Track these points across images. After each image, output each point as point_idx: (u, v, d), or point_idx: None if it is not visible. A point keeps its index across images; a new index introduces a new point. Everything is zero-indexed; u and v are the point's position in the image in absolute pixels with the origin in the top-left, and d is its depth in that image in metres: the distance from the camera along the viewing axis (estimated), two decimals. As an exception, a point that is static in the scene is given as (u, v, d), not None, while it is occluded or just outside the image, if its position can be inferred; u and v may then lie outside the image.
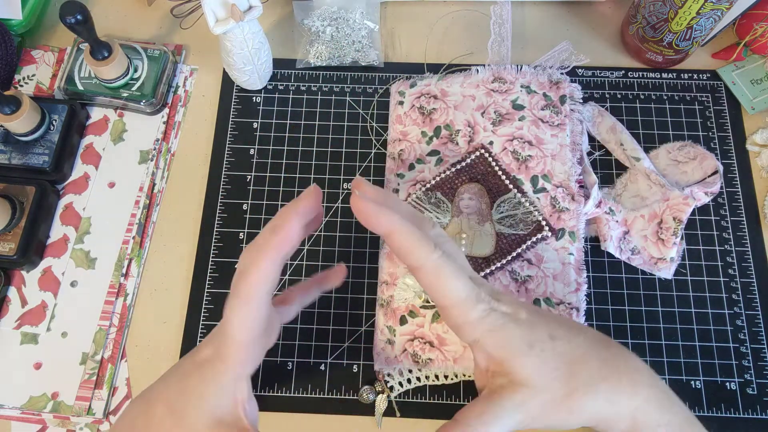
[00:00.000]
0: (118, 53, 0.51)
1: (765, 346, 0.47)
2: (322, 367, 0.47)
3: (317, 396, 0.46)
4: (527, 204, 0.49)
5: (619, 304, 0.48)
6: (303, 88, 0.56)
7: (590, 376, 0.33)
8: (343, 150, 0.53)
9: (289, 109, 0.55)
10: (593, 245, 0.50)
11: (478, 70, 0.53)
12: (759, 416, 0.45)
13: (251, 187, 0.52)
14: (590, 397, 0.32)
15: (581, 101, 0.53)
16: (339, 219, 0.51)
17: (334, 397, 0.46)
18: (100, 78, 0.52)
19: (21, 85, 0.55)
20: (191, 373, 0.35)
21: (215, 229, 0.51)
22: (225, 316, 0.34)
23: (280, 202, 0.52)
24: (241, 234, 0.51)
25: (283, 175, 0.53)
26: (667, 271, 0.48)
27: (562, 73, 0.53)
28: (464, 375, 0.46)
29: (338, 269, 0.43)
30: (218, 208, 0.52)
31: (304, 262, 0.50)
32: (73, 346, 0.47)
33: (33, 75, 0.56)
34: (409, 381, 0.46)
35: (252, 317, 0.33)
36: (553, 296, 0.46)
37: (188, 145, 0.54)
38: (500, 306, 0.34)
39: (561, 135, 0.51)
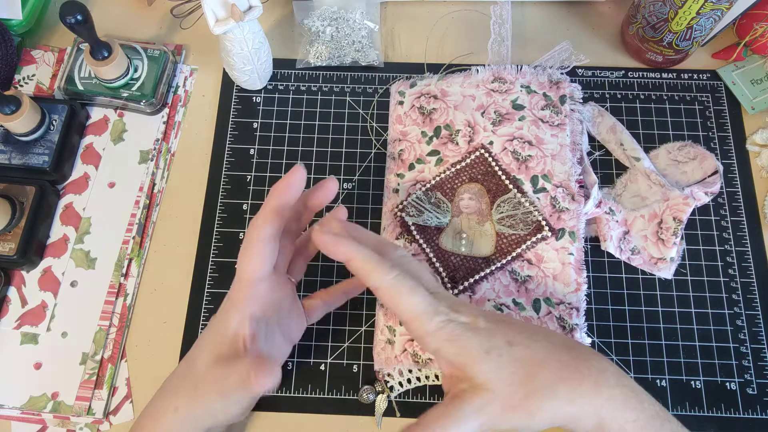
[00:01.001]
0: (118, 53, 0.51)
1: (765, 346, 0.47)
2: (322, 367, 0.47)
3: (317, 396, 0.46)
4: (527, 204, 0.49)
5: (619, 304, 0.48)
6: (303, 88, 0.56)
7: (548, 378, 0.34)
8: (343, 150, 0.53)
9: (289, 109, 0.55)
10: (593, 245, 0.50)
11: (478, 70, 0.53)
12: (759, 416, 0.45)
13: (251, 187, 0.52)
14: (549, 398, 0.33)
15: (581, 101, 0.53)
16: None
17: (334, 397, 0.46)
18: (100, 78, 0.52)
19: (21, 85, 0.55)
20: (209, 324, 0.41)
21: (215, 229, 0.51)
22: (237, 262, 0.39)
23: (280, 202, 0.52)
24: (241, 234, 0.51)
25: (283, 175, 0.52)
26: (667, 271, 0.48)
27: (562, 73, 0.53)
28: (464, 375, 0.46)
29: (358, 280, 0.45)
30: (218, 208, 0.52)
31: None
32: (73, 346, 0.47)
33: (33, 75, 0.56)
34: (409, 381, 0.46)
35: (256, 256, 0.38)
36: (553, 296, 0.46)
37: (188, 145, 0.54)
38: (459, 317, 0.36)
39: (561, 135, 0.51)
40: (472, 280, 0.47)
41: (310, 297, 0.45)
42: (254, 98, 0.55)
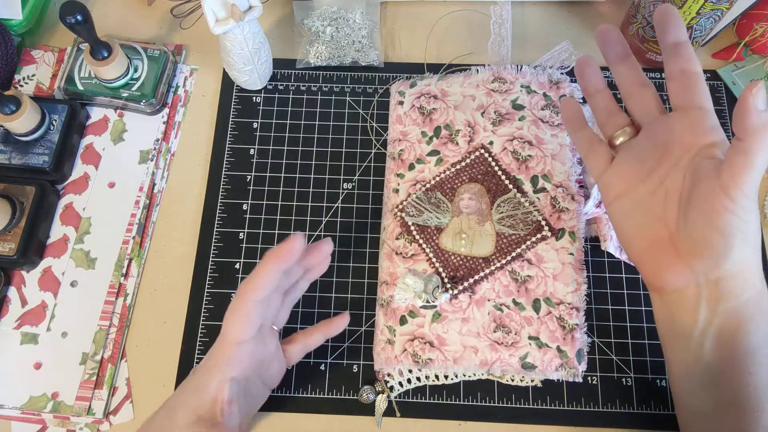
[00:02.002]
0: (118, 53, 0.51)
1: (765, 346, 0.47)
2: (322, 367, 0.47)
3: (317, 396, 0.46)
4: (527, 204, 0.49)
5: (619, 304, 0.48)
6: (303, 88, 0.56)
7: None
8: (343, 150, 0.53)
9: (289, 109, 0.55)
10: (593, 245, 0.50)
11: (478, 70, 0.54)
12: (759, 416, 0.45)
13: (251, 187, 0.52)
14: None
15: (581, 101, 0.53)
16: (339, 219, 0.51)
17: (334, 397, 0.46)
18: (100, 78, 0.52)
19: (21, 85, 0.55)
20: (191, 373, 0.40)
21: (215, 229, 0.51)
22: (223, 320, 0.39)
23: (279, 202, 0.52)
24: (241, 234, 0.51)
25: (283, 175, 0.53)
26: (667, 271, 0.48)
27: (562, 73, 0.53)
28: (464, 375, 0.46)
29: (341, 317, 0.46)
30: (218, 208, 0.52)
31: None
32: (73, 346, 0.47)
33: (33, 75, 0.56)
34: (409, 381, 0.46)
35: (244, 319, 0.38)
36: (553, 296, 0.46)
37: (188, 145, 0.54)
38: None
39: (561, 135, 0.51)
40: (472, 280, 0.47)
41: (289, 341, 0.44)
42: (254, 98, 0.55)
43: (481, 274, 0.47)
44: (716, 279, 0.34)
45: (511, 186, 0.49)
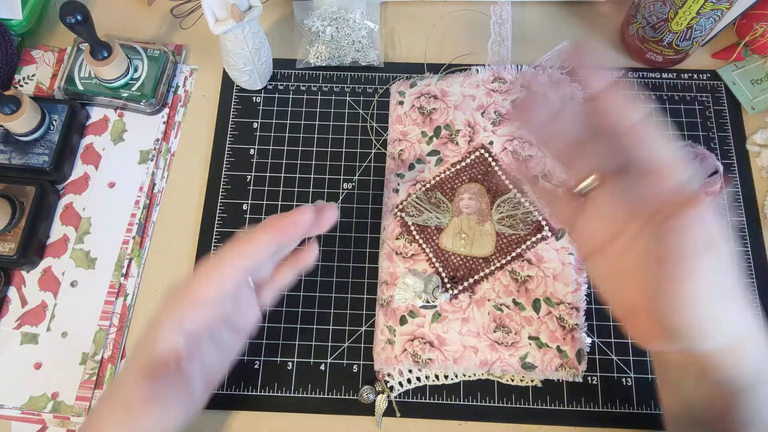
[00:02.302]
0: (118, 53, 0.51)
1: (765, 346, 0.47)
2: (322, 367, 0.47)
3: (317, 396, 0.46)
4: (527, 204, 0.49)
5: (619, 304, 0.48)
6: (303, 88, 0.56)
7: None
8: (343, 150, 0.53)
9: (289, 109, 0.55)
10: (593, 245, 0.50)
11: (478, 70, 0.54)
12: (759, 416, 0.45)
13: (251, 187, 0.52)
14: None
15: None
16: (339, 219, 0.51)
17: (334, 397, 0.46)
18: (100, 78, 0.52)
19: (21, 85, 0.55)
20: (142, 334, 0.37)
21: (215, 229, 0.51)
22: (195, 269, 0.35)
23: (279, 203, 0.52)
24: (240, 234, 0.51)
25: (283, 175, 0.53)
26: (667, 271, 0.48)
27: (562, 73, 0.53)
28: (464, 375, 0.46)
29: (308, 246, 0.42)
30: (218, 208, 0.52)
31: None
32: (73, 346, 0.47)
33: (33, 75, 0.56)
34: (409, 381, 0.46)
35: (218, 282, 0.35)
36: (553, 296, 0.46)
37: (188, 145, 0.54)
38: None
39: (561, 135, 0.51)
40: (471, 280, 0.47)
41: (257, 287, 0.40)
42: (254, 98, 0.55)
43: (481, 274, 0.47)
44: (704, 354, 0.30)
45: (511, 186, 0.49)
